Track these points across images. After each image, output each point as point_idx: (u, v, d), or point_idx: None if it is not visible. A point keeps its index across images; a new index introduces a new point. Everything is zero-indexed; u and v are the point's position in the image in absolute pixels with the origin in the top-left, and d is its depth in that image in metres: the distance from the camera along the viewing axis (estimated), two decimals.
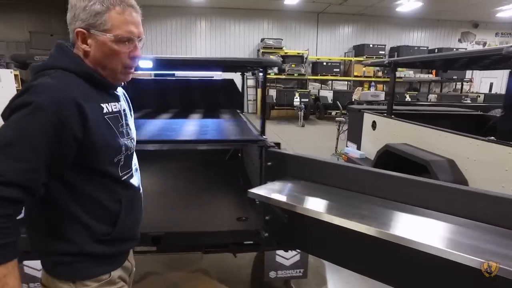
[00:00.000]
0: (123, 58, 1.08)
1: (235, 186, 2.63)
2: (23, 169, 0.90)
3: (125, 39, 1.06)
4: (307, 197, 1.47)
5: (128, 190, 1.18)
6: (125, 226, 1.16)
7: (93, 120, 1.01)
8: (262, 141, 1.89)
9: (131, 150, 1.19)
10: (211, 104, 3.79)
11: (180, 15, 13.35)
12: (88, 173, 1.05)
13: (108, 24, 1.03)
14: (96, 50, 1.06)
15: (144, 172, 2.96)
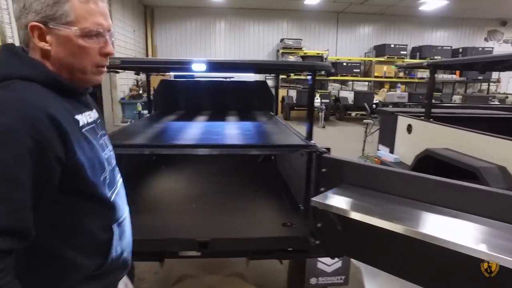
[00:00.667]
0: (93, 56, 0.90)
1: (273, 190, 2.58)
2: (5, 212, 0.72)
3: (94, 33, 0.88)
4: (369, 205, 1.42)
5: (118, 211, 1.01)
6: (118, 254, 1.01)
7: (73, 137, 0.83)
8: (313, 146, 1.84)
9: (113, 163, 1.04)
10: (244, 106, 3.76)
11: (199, 15, 13.43)
12: (72, 201, 0.87)
13: (71, 15, 0.84)
14: (58, 48, 0.86)
15: (178, 174, 3.00)
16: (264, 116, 3.34)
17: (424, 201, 1.34)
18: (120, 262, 1.04)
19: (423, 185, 1.36)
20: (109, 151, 1.04)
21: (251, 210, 2.22)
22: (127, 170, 2.50)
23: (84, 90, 0.98)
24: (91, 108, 1.01)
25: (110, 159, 1.02)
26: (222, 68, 2.30)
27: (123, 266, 1.08)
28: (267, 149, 1.77)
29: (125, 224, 1.07)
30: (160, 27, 13.43)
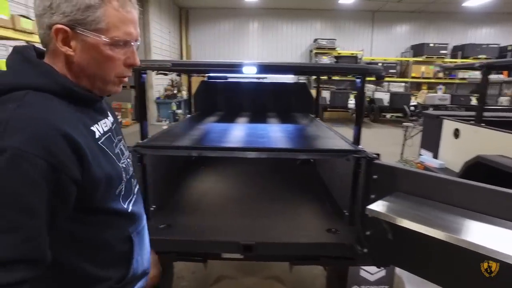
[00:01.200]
0: (117, 66, 0.84)
1: (314, 194, 2.53)
2: (22, 241, 0.67)
3: (122, 43, 0.82)
4: (425, 215, 1.34)
5: (136, 220, 0.97)
6: (138, 264, 0.97)
7: (90, 152, 0.77)
8: (362, 151, 1.78)
9: (130, 170, 0.99)
10: (283, 107, 3.72)
11: (233, 16, 13.54)
12: (90, 216, 0.83)
13: (102, 22, 0.78)
14: (82, 55, 0.80)
15: (218, 175, 3.02)
16: (305, 118, 3.29)
17: (486, 213, 1.26)
18: (142, 271, 1.01)
19: (486, 196, 1.26)
20: (125, 158, 0.98)
21: (293, 214, 2.19)
22: (168, 170, 2.55)
23: (101, 97, 0.93)
24: (107, 114, 0.96)
25: (128, 167, 0.98)
26: (270, 71, 2.29)
27: (144, 274, 1.04)
28: (316, 154, 1.73)
29: (144, 232, 1.04)
30: (194, 28, 13.70)
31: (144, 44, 10.40)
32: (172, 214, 2.19)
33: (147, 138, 2.03)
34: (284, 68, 1.78)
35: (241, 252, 1.82)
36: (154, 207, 2.15)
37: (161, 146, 1.82)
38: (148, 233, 1.12)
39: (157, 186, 2.26)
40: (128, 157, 1.01)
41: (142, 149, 1.77)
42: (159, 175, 2.33)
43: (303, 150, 1.75)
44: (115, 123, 1.01)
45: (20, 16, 3.65)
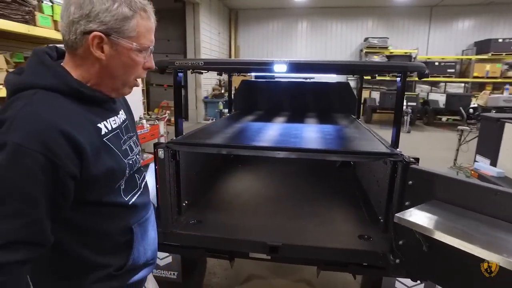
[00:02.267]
0: (138, 69, 0.94)
1: (351, 198, 2.43)
2: (22, 225, 0.75)
3: (146, 49, 0.93)
4: (464, 228, 1.21)
5: (138, 212, 1.03)
6: (140, 254, 1.03)
7: (90, 149, 0.83)
8: (398, 155, 1.66)
9: (135, 167, 1.03)
10: (324, 108, 3.63)
11: (281, 16, 13.50)
12: (90, 208, 0.90)
13: (134, 31, 0.88)
14: (113, 59, 0.88)
15: (253, 174, 3.02)
16: (345, 119, 3.17)
17: None
18: (144, 261, 1.06)
19: None
20: (134, 154, 1.04)
21: (325, 217, 2.11)
22: (203, 168, 2.61)
23: (111, 98, 0.98)
24: (118, 112, 1.02)
25: (135, 163, 1.03)
26: (302, 69, 2.24)
27: (148, 264, 1.09)
28: (347, 156, 1.65)
29: (148, 223, 1.08)
30: (243, 29, 13.90)
31: (194, 45, 10.79)
32: (204, 210, 2.24)
33: (182, 135, 2.09)
34: (312, 67, 1.72)
35: (267, 252, 1.80)
36: (187, 203, 2.21)
37: (192, 143, 1.86)
38: (157, 225, 1.17)
39: (191, 182, 2.32)
40: (137, 154, 1.07)
41: (174, 146, 1.83)
42: (194, 172, 2.39)
43: (334, 151, 1.68)
44: (127, 120, 1.07)
45: None
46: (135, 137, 1.10)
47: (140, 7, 0.89)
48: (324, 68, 1.98)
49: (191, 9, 10.50)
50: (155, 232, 1.15)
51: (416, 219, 1.23)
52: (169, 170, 1.88)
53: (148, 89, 11.67)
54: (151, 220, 1.12)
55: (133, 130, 1.11)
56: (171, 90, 11.35)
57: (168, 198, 1.90)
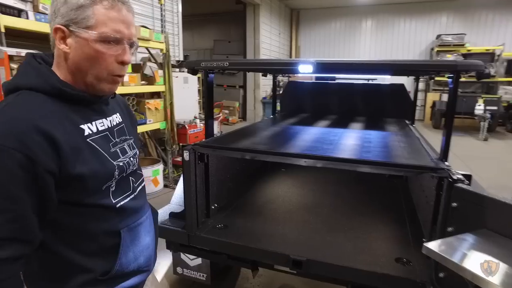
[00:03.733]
0: (109, 63, 0.89)
1: (396, 214, 2.17)
2: (5, 222, 0.76)
3: (112, 39, 0.87)
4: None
5: (129, 216, 1.00)
6: (129, 260, 0.99)
7: (70, 148, 0.82)
8: (443, 170, 1.41)
9: (128, 170, 1.01)
10: (375, 111, 3.34)
11: (344, 15, 12.97)
12: (73, 208, 0.88)
13: (92, 20, 0.84)
14: (76, 52, 0.86)
15: (295, 179, 2.89)
16: (395, 125, 2.88)
17: None
18: (135, 268, 1.01)
19: None
20: (128, 157, 1.01)
21: (361, 233, 1.92)
22: (237, 171, 2.56)
23: (98, 98, 0.96)
24: (108, 115, 1.00)
25: (127, 165, 1.00)
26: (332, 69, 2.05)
27: (141, 272, 1.05)
28: (379, 167, 1.45)
29: (140, 229, 1.04)
30: (304, 29, 13.67)
31: (254, 45, 10.91)
32: (233, 215, 2.19)
33: (212, 137, 2.06)
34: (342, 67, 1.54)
35: (290, 266, 1.68)
36: (216, 206, 2.18)
37: (215, 146, 1.82)
38: (155, 230, 1.13)
39: (223, 185, 2.28)
40: (132, 157, 1.04)
41: (200, 148, 1.80)
42: (227, 174, 2.35)
43: (363, 161, 1.49)
44: (124, 124, 1.06)
45: (140, 26, 4.22)
46: (132, 141, 1.08)
47: None
48: (358, 69, 1.77)
49: (251, 11, 10.63)
50: (151, 238, 1.11)
51: (452, 253, 1.01)
52: (195, 172, 1.87)
53: None
54: (145, 225, 1.08)
55: (131, 134, 1.09)
56: (230, 90, 11.69)
57: (193, 200, 1.89)
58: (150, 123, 4.67)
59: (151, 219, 1.14)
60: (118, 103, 1.11)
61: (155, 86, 4.66)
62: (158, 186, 4.64)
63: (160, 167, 4.70)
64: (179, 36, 6.76)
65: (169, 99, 4.93)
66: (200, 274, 2.22)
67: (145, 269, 1.07)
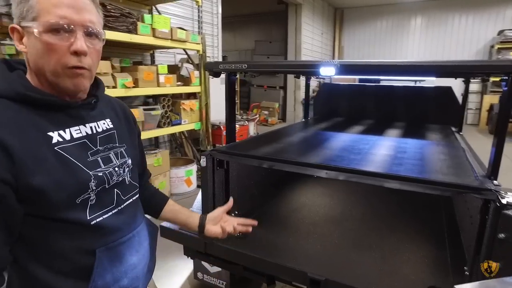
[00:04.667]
0: (61, 55, 0.79)
1: (434, 234, 1.94)
2: None
3: (58, 27, 0.77)
4: None
5: (109, 234, 0.89)
6: (106, 282, 0.89)
7: (28, 157, 0.75)
8: (489, 191, 1.19)
9: (111, 181, 0.91)
10: (417, 117, 3.05)
11: (391, 13, 12.31)
12: (40, 221, 0.79)
13: (35, 10, 0.77)
14: (30, 49, 0.80)
15: (325, 188, 2.73)
16: (438, 133, 2.59)
17: None
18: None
19: None
20: (111, 167, 0.92)
21: (391, 253, 1.73)
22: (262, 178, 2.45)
23: (75, 102, 0.88)
24: (89, 121, 0.92)
25: (109, 176, 0.91)
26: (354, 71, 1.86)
27: None
28: (411, 184, 1.27)
29: (123, 248, 0.94)
30: (348, 28, 13.21)
31: (295, 46, 10.74)
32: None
33: (233, 142, 1.98)
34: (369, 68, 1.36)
35: (308, 285, 1.55)
36: (236, 213, 2.10)
37: (234, 153, 1.74)
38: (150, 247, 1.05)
39: (245, 193, 2.20)
40: (119, 166, 0.95)
41: (217, 154, 1.73)
42: (250, 181, 2.27)
43: (393, 176, 1.32)
44: (116, 130, 0.97)
45: (177, 28, 4.28)
46: (123, 149, 0.99)
47: None
48: (387, 71, 1.58)
49: (293, 10, 10.47)
50: (140, 257, 1.01)
51: None
52: (214, 178, 1.80)
53: (249, 90, 12.16)
54: (131, 244, 0.97)
55: (123, 141, 1.00)
56: (271, 91, 11.62)
57: (210, 207, 1.82)
58: (185, 123, 4.73)
59: (143, 236, 1.04)
60: (114, 108, 1.03)
61: (191, 87, 4.71)
62: (191, 186, 4.69)
63: (194, 167, 4.74)
64: (218, 37, 6.81)
65: (205, 99, 4.96)
66: (219, 282, 2.16)
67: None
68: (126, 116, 1.08)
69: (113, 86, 3.47)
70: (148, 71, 3.92)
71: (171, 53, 5.44)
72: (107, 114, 0.98)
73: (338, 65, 1.31)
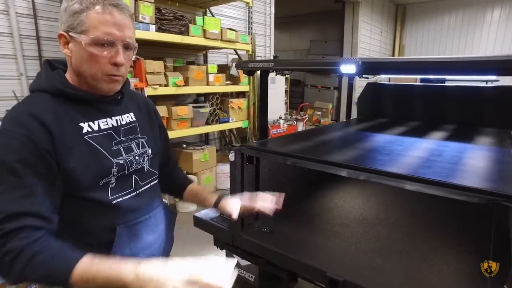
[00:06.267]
0: (102, 64, 0.95)
1: (476, 244, 1.78)
2: (17, 198, 0.83)
3: (104, 42, 0.92)
4: None
5: (127, 214, 1.03)
6: (124, 255, 0.99)
7: (64, 143, 0.90)
8: None
9: (130, 168, 1.04)
10: (470, 119, 2.79)
11: (462, 7, 11.25)
12: (70, 200, 0.94)
13: (85, 25, 0.91)
14: (75, 55, 0.95)
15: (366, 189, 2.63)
16: (492, 137, 2.35)
17: None
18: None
19: None
20: (133, 155, 1.06)
21: (420, 261, 1.63)
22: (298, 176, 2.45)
23: (105, 98, 1.02)
24: (115, 115, 1.05)
25: (129, 164, 1.04)
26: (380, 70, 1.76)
27: None
28: (432, 188, 1.18)
29: (140, 227, 1.06)
30: (410, 26, 12.41)
31: (351, 45, 10.41)
32: (283, 221, 2.12)
33: (265, 139, 2.03)
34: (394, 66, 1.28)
35: (326, 284, 1.54)
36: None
37: (260, 149, 1.78)
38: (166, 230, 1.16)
39: (276, 189, 2.23)
40: (139, 155, 1.08)
41: (245, 149, 1.79)
42: (282, 178, 2.29)
43: (413, 178, 1.24)
44: (138, 123, 1.11)
45: (227, 29, 4.45)
46: (144, 140, 1.12)
47: (93, 2, 0.92)
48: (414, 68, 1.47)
49: (350, 9, 10.16)
50: (156, 237, 1.14)
51: None
52: (242, 173, 1.86)
53: (303, 90, 12.07)
54: (147, 225, 1.10)
55: (144, 133, 1.13)
56: (324, 91, 11.40)
57: None
58: (233, 121, 4.88)
59: (159, 218, 1.16)
60: (138, 103, 1.17)
61: (240, 86, 4.85)
62: None
63: None
64: (270, 38, 6.89)
65: (253, 99, 5.07)
66: (249, 275, 2.22)
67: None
68: (148, 109, 1.21)
69: (165, 85, 3.72)
70: (198, 70, 4.14)
71: (223, 53, 5.64)
72: (130, 108, 1.12)
73: (359, 63, 1.28)
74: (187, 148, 4.61)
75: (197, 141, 5.37)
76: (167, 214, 1.22)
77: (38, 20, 3.40)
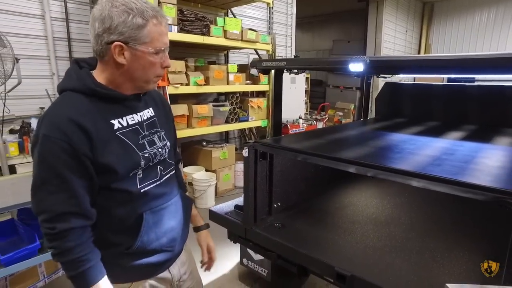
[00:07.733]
0: (157, 69, 1.06)
1: (492, 248, 1.76)
2: (64, 199, 0.94)
3: (161, 51, 1.04)
4: None
5: (153, 200, 1.13)
6: (150, 239, 1.11)
7: (99, 140, 0.98)
8: None
9: (155, 160, 1.14)
10: (492, 120, 2.71)
11: (494, 3, 10.78)
12: (104, 191, 1.03)
13: (148, 37, 1.00)
14: (133, 63, 1.02)
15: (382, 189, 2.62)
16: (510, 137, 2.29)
17: None
18: (157, 247, 1.14)
19: None
20: (156, 148, 1.14)
21: (429, 260, 1.64)
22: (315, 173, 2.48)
23: (130, 96, 1.09)
24: (139, 110, 1.13)
25: (153, 156, 1.12)
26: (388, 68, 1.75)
27: (164, 251, 1.17)
28: (436, 184, 1.19)
29: (164, 212, 1.16)
30: (438, 25, 12.02)
31: (375, 45, 10.23)
32: (295, 216, 2.16)
33: (278, 136, 2.08)
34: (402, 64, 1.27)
35: (334, 279, 1.58)
36: (279, 205, 2.19)
37: (272, 145, 1.83)
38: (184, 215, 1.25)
39: (290, 185, 2.28)
40: (161, 147, 1.17)
41: (258, 146, 1.85)
42: (297, 175, 2.33)
43: (418, 175, 1.25)
44: (157, 117, 1.19)
45: (248, 29, 4.52)
46: (163, 133, 1.20)
47: (151, 15, 1.00)
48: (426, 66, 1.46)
49: (374, 8, 9.99)
50: (177, 222, 1.23)
51: None
52: (255, 169, 1.92)
53: (325, 90, 11.97)
54: (170, 210, 1.20)
55: (163, 126, 1.21)
56: (346, 91, 11.27)
57: (251, 196, 1.95)
58: (252, 120, 4.95)
59: (179, 205, 1.26)
60: (154, 98, 1.23)
61: (259, 86, 4.91)
62: None
63: None
64: (292, 38, 6.91)
65: (272, 98, 5.11)
66: (262, 269, 2.28)
67: (168, 249, 1.19)
68: (163, 104, 1.28)
69: (186, 84, 3.84)
70: (218, 70, 4.23)
71: (244, 53, 5.72)
72: (149, 104, 1.20)
73: (367, 61, 1.30)
74: (207, 145, 4.73)
75: (217, 140, 5.47)
76: (184, 201, 1.31)
77: (69, 23, 3.61)
